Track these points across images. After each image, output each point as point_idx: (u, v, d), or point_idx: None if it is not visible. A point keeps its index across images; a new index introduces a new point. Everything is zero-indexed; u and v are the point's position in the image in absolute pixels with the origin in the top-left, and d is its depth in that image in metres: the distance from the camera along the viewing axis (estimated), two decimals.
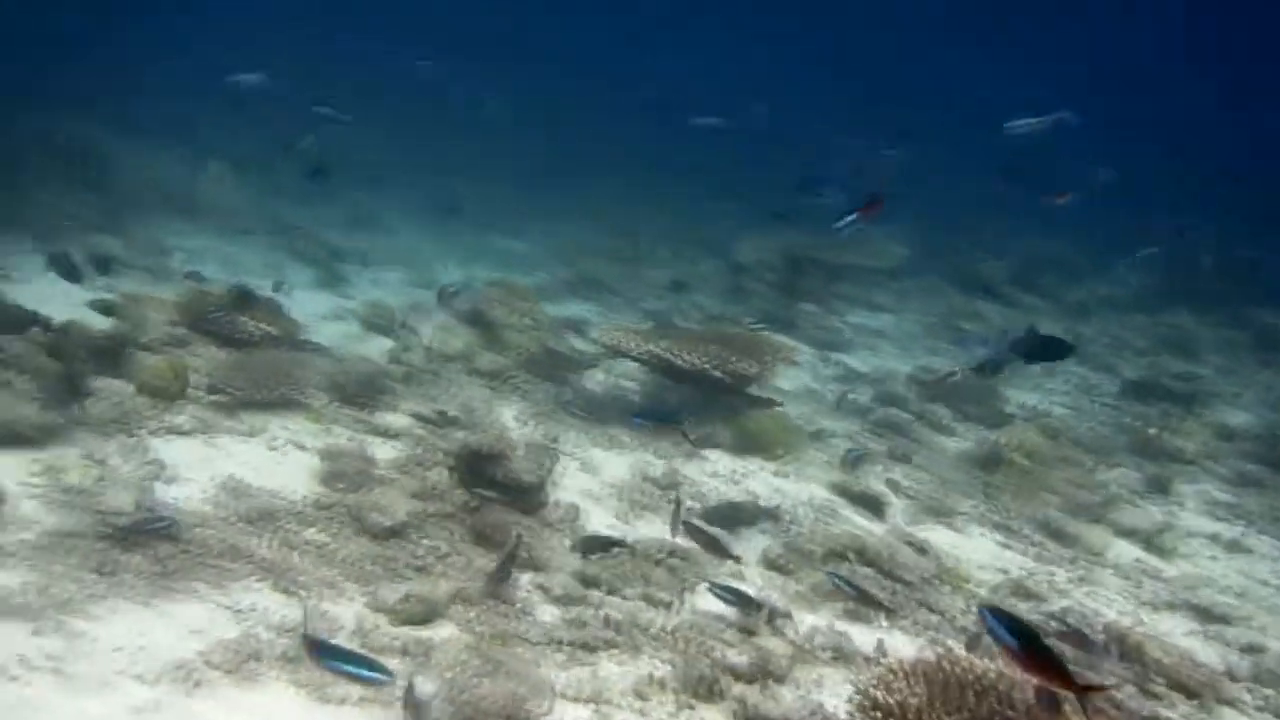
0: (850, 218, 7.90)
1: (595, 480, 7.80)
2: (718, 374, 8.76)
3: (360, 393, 8.38)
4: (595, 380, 10.42)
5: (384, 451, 7.34)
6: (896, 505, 8.24)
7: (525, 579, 5.90)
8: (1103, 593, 7.24)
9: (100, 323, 8.14)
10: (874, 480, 8.52)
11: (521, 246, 20.53)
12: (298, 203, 20.19)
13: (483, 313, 10.56)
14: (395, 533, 6.12)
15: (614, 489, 7.61)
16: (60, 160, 15.98)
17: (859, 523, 7.68)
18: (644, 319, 14.13)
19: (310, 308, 11.42)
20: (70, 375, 6.81)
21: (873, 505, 8.01)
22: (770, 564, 6.66)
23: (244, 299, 8.57)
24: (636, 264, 17.12)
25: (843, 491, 8.18)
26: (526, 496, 6.75)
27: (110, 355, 7.61)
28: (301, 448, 7.17)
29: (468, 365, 10.06)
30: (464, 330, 10.54)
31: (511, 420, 8.77)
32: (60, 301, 9.42)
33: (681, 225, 21.22)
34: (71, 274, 9.41)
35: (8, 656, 4.21)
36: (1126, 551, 8.11)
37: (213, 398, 7.53)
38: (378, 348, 10.66)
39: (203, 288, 8.62)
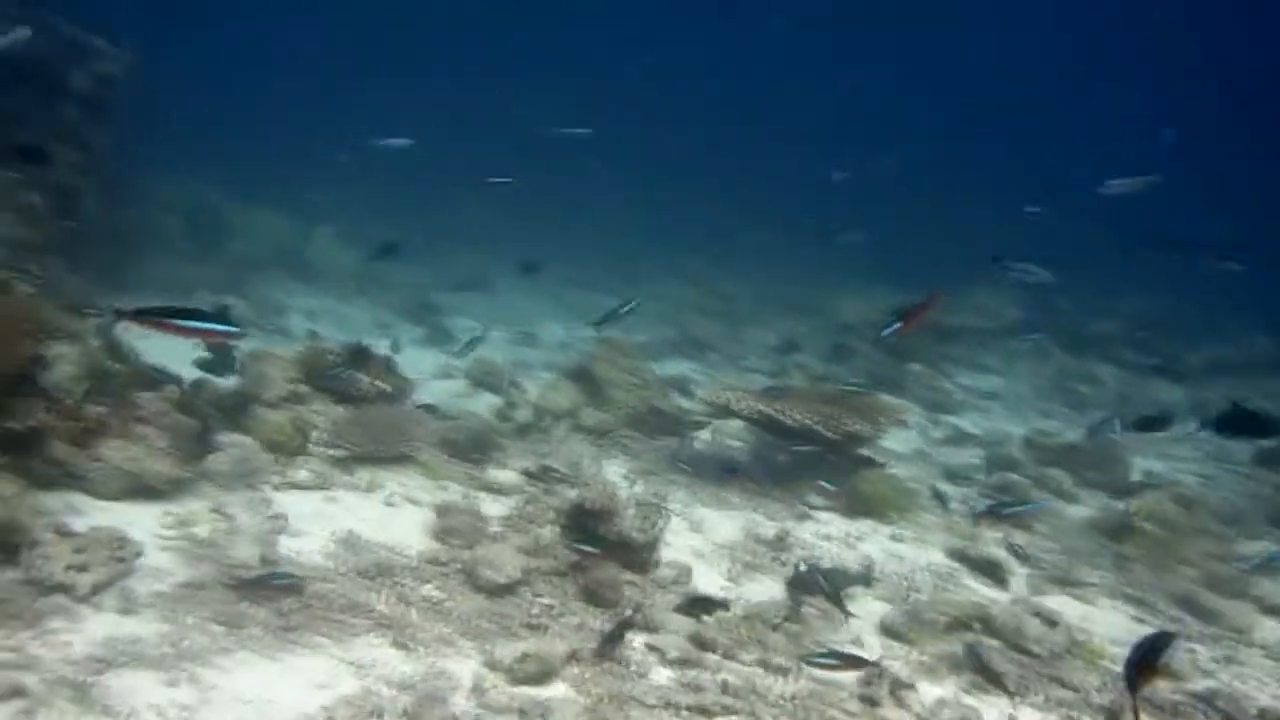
0: (894, 325, 7.61)
1: (704, 540, 7.68)
2: (828, 434, 8.59)
3: (471, 449, 8.47)
4: (701, 439, 10.34)
5: (494, 508, 7.37)
6: (1019, 574, 7.89)
7: (638, 640, 5.80)
8: (1252, 674, 6.76)
9: (225, 379, 8.46)
10: (994, 547, 8.18)
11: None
12: (403, 262, 20.79)
13: (589, 370, 10.61)
14: (508, 589, 6.10)
15: (724, 549, 7.48)
16: (186, 224, 16.83)
17: (981, 591, 7.37)
18: (748, 378, 14.06)
19: (419, 365, 11.68)
20: (199, 431, 7.02)
21: (994, 573, 7.68)
22: (890, 631, 6.41)
23: (360, 356, 8.77)
24: (739, 323, 17.07)
25: (962, 557, 7.87)
26: (636, 555, 6.68)
27: (235, 411, 7.88)
28: (415, 503, 7.25)
29: (574, 422, 10.12)
30: (570, 387, 10.59)
31: (618, 478, 8.74)
32: (184, 358, 9.84)
33: (787, 283, 21.12)
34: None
35: (143, 706, 4.28)
36: (1275, 630, 7.58)
37: (331, 453, 7.69)
38: (485, 404, 10.82)
39: (320, 345, 8.84)
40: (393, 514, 7.05)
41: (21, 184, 11.53)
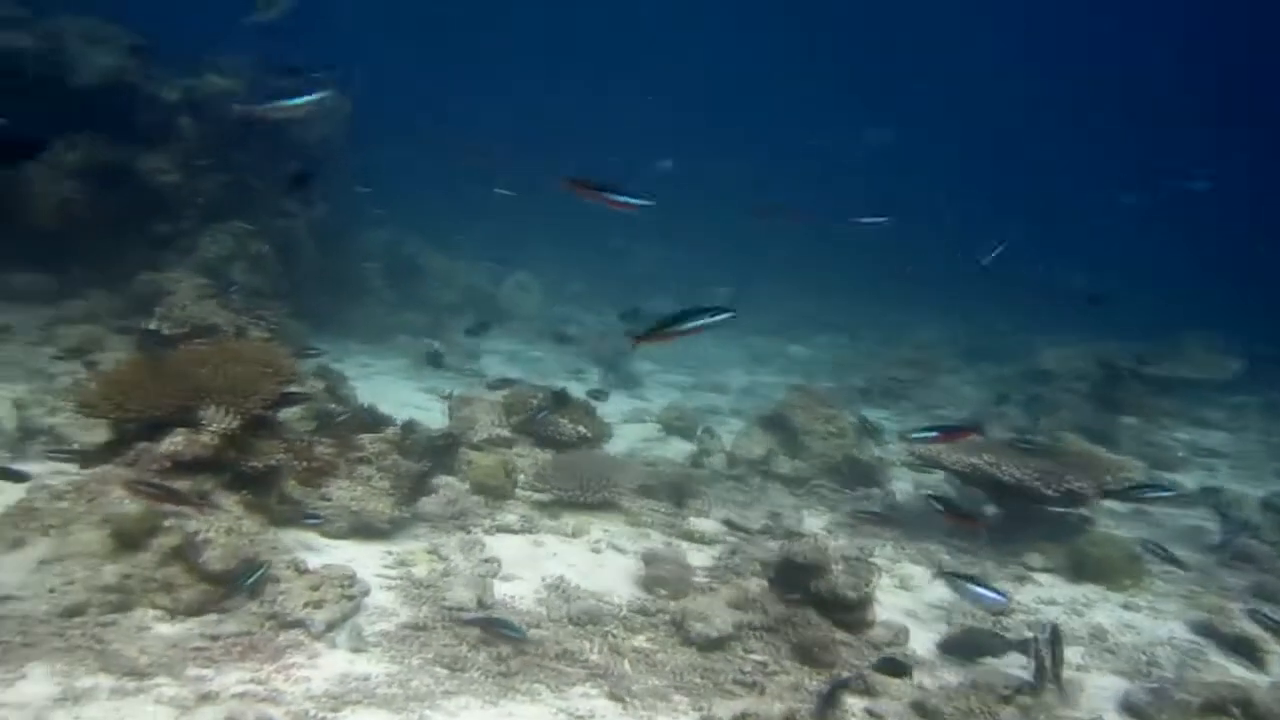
0: (931, 434, 7.44)
1: (915, 599, 7.29)
2: (1047, 491, 8.06)
3: (670, 496, 8.41)
4: (902, 491, 9.93)
5: (698, 557, 7.25)
6: (1277, 653, 7.10)
7: (857, 705, 5.51)
8: None
9: (436, 421, 8.74)
10: (1245, 620, 7.41)
11: (804, 352, 20.39)
12: (585, 308, 21.24)
13: (784, 419, 10.40)
14: (718, 644, 5.94)
15: (938, 610, 7.07)
16: (386, 271, 17.71)
17: (1235, 670, 6.66)
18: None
19: (609, 409, 11.76)
20: (418, 473, 7.24)
21: (1248, 650, 6.94)
22: (1135, 712, 5.86)
23: (561, 401, 8.89)
24: (930, 370, 16.45)
25: (1208, 631, 7.16)
26: (849, 613, 6.39)
27: (443, 453, 8.10)
28: (620, 550, 7.22)
29: (769, 471, 9.93)
30: (764, 436, 10.41)
31: (819, 530, 8.46)
32: (392, 400, 10.26)
33: (976, 330, 20.34)
34: (436, 359, 10.30)
35: None
36: None
37: (537, 497, 7.79)
38: (677, 450, 10.78)
39: (523, 390, 9.02)
40: (599, 561, 7.03)
41: (253, 234, 12.44)
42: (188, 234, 12.58)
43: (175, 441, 5.95)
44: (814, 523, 8.67)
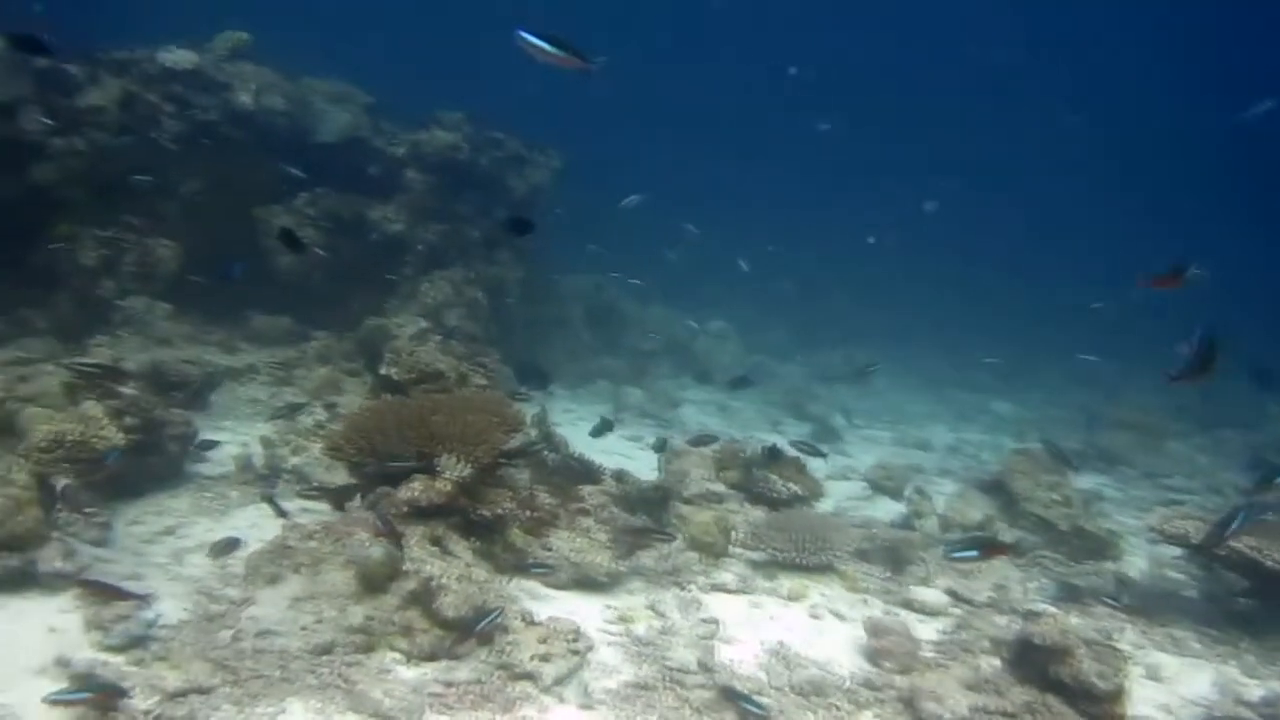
0: (970, 554, 6.97)
1: (1168, 692, 6.64)
2: None
3: (887, 561, 8.07)
4: (1137, 568, 9.17)
5: (922, 629, 6.88)
6: None
7: None
8: None
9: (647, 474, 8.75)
10: None
11: (1010, 409, 19.44)
12: (779, 358, 21.02)
13: (1003, 483, 9.85)
14: None
15: (1198, 708, 6.41)
16: (587, 317, 18.10)
17: None
18: (1167, 498, 12.47)
19: (812, 464, 11.48)
20: (636, 526, 7.22)
21: None
22: None
23: (774, 457, 8.72)
24: (1156, 434, 15.28)
25: None
26: (1097, 705, 5.86)
27: (655, 506, 8.07)
28: (840, 617, 6.94)
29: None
30: (981, 500, 9.88)
31: (1049, 608, 7.89)
32: (595, 447, 10.37)
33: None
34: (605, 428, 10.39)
35: None
36: None
37: (752, 556, 7.62)
38: (885, 511, 10.39)
39: (734, 445, 8.91)
40: (819, 627, 6.78)
41: (469, 281, 12.97)
42: (410, 280, 13.26)
43: (414, 487, 6.16)
44: (1042, 598, 8.10)
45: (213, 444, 8.41)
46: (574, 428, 12.38)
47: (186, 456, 8.19)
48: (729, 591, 7.09)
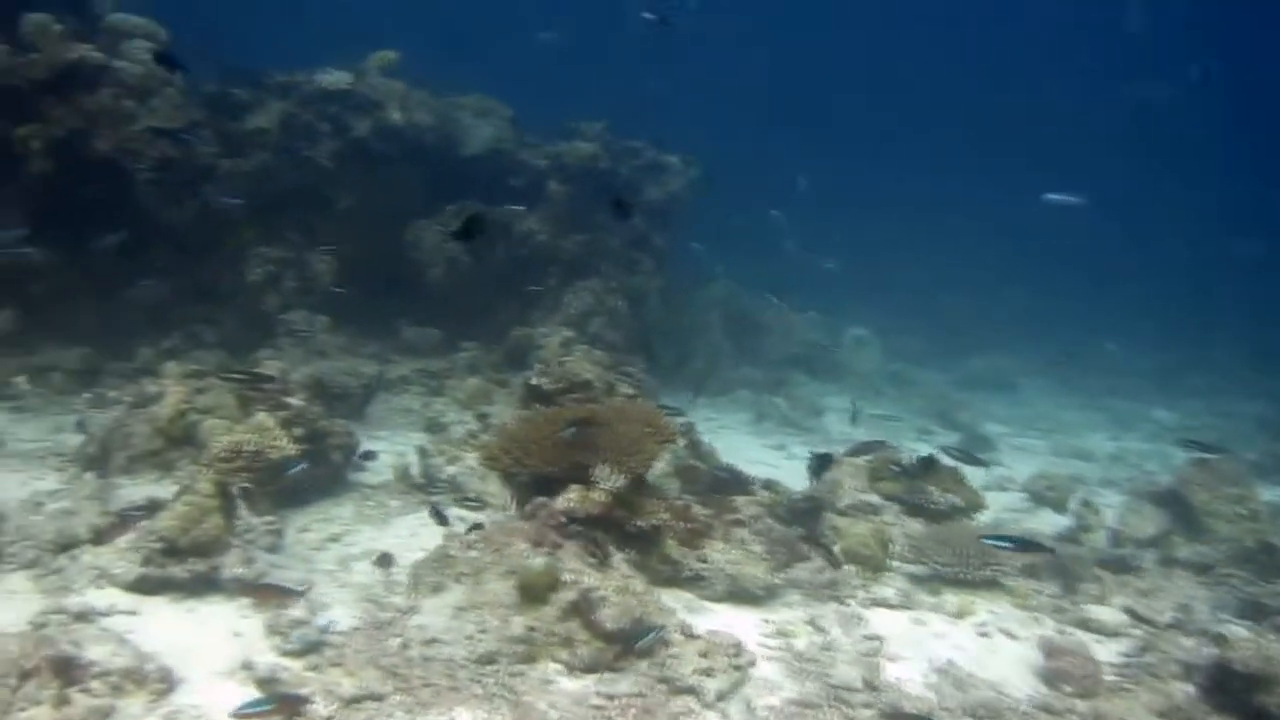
0: (1006, 545, 6.79)
1: None
2: None
3: (1057, 577, 7.64)
4: None
5: (1100, 651, 6.46)
6: None
7: None
8: None
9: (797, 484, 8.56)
10: None
11: (1170, 417, 18.33)
12: (913, 363, 20.42)
13: (1181, 495, 9.22)
14: None
15: None
16: (725, 323, 17.97)
17: None
18: None
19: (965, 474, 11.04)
20: (792, 538, 7.06)
21: None
22: None
23: (928, 466, 8.39)
24: None
25: None
26: None
27: (807, 517, 7.87)
28: (1012, 636, 6.60)
29: (1163, 554, 8.81)
30: (1156, 513, 9.28)
31: (1242, 631, 7.31)
32: (740, 457, 10.20)
33: None
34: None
35: None
36: None
37: (912, 569, 7.34)
38: (1047, 523, 9.90)
39: (888, 454, 8.62)
40: (989, 646, 6.46)
41: (610, 290, 13.03)
42: (553, 290, 13.42)
43: (570, 498, 6.17)
44: (1230, 620, 7.52)
45: (373, 454, 8.67)
46: (716, 436, 12.27)
47: (349, 466, 8.47)
48: (890, 607, 6.84)
